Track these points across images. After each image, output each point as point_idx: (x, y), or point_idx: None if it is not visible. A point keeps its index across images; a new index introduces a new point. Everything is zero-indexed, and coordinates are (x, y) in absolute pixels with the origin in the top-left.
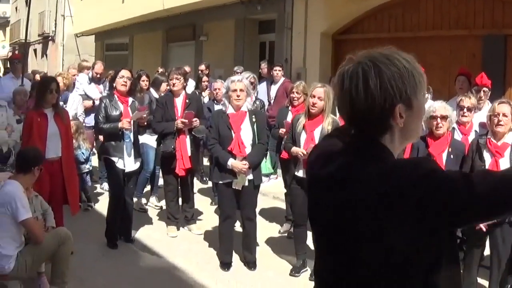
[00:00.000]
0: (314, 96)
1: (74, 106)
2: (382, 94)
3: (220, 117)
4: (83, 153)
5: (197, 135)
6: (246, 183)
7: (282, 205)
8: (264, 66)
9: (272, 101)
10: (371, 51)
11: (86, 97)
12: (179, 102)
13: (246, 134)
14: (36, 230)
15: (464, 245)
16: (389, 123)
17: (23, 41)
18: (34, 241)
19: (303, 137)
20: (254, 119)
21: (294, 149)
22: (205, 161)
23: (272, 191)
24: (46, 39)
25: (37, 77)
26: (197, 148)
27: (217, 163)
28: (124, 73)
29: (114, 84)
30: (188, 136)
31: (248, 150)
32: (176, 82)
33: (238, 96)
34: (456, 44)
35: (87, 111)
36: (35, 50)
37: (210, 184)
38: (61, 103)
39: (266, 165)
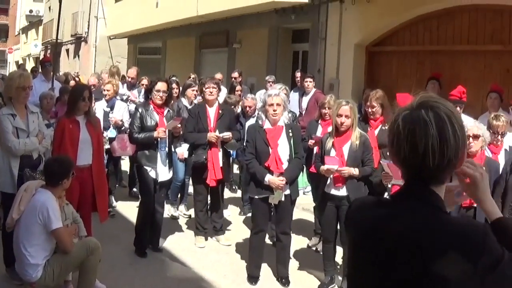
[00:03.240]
0: (341, 115)
1: (120, 112)
2: (457, 145)
3: (257, 131)
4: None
5: (229, 150)
6: (283, 198)
7: (311, 217)
8: (298, 75)
9: (303, 112)
10: (426, 97)
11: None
12: (212, 112)
13: (283, 149)
14: (66, 240)
15: None
16: (453, 170)
17: (56, 41)
18: (63, 251)
19: (332, 154)
20: (291, 134)
21: (323, 167)
22: (235, 169)
23: (302, 203)
24: (78, 40)
25: (72, 83)
26: (228, 159)
27: (254, 178)
28: (161, 86)
29: (150, 96)
30: (220, 148)
31: (285, 165)
32: (213, 91)
33: (275, 110)
34: (491, 59)
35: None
36: (67, 50)
37: (239, 193)
38: (107, 109)
39: (303, 179)
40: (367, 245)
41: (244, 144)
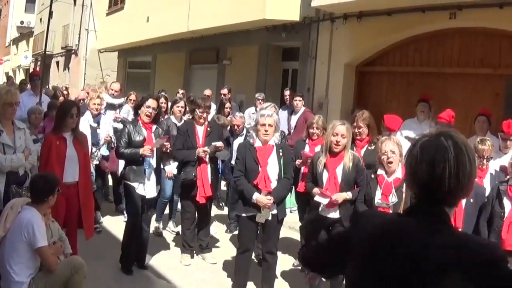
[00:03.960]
0: (337, 134)
1: (106, 127)
2: (471, 172)
3: (248, 149)
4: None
5: (221, 158)
6: (270, 217)
7: (297, 236)
8: (287, 93)
9: (292, 131)
10: (445, 129)
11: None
12: (200, 130)
13: (272, 168)
14: (50, 259)
15: None
16: (465, 196)
17: (44, 53)
18: (47, 270)
19: (325, 176)
20: (281, 153)
21: (316, 190)
22: (222, 186)
23: (288, 221)
24: (69, 52)
25: (61, 99)
26: (216, 176)
27: (242, 196)
28: (151, 103)
29: (139, 111)
30: (209, 164)
31: (273, 184)
32: (207, 116)
33: (266, 131)
34: (480, 82)
35: None
36: (57, 63)
37: (226, 210)
38: (94, 124)
39: (290, 200)
40: (377, 255)
41: (233, 162)
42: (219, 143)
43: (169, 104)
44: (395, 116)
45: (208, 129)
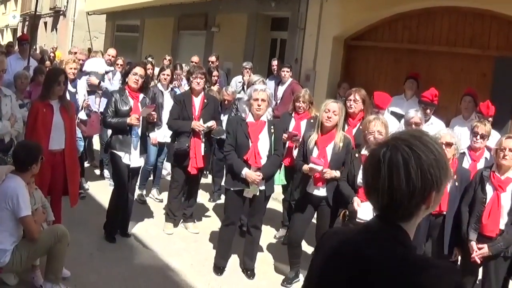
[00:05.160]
0: (329, 111)
1: (83, 91)
2: (422, 183)
3: (239, 124)
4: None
5: (216, 137)
6: (258, 193)
7: (280, 207)
8: (275, 63)
9: (278, 101)
10: (402, 134)
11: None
12: (197, 101)
13: (263, 144)
14: (33, 228)
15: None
16: (420, 209)
17: (34, 13)
18: (29, 238)
19: (315, 153)
20: (272, 130)
21: (306, 166)
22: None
23: None
24: (57, 13)
25: (47, 63)
26: (210, 148)
27: (231, 170)
28: (138, 70)
29: (126, 79)
30: (203, 136)
31: (263, 160)
32: (201, 82)
33: (259, 105)
34: (468, 62)
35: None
36: (45, 23)
37: (210, 179)
38: (73, 89)
39: (279, 177)
40: (329, 267)
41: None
42: (211, 123)
43: (156, 70)
44: (385, 94)
45: (205, 101)
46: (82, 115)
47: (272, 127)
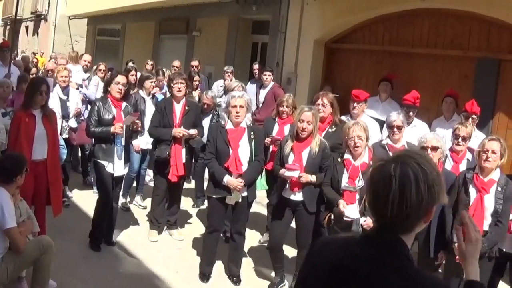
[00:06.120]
0: (303, 121)
1: (75, 100)
2: (429, 197)
3: (219, 131)
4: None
5: (194, 146)
6: (240, 200)
7: (264, 211)
8: (256, 67)
9: (260, 105)
10: (408, 152)
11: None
12: (178, 108)
13: (243, 151)
14: (18, 240)
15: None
16: (421, 222)
17: (14, 17)
18: (15, 250)
19: (291, 158)
20: (252, 136)
21: (283, 171)
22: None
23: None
24: (38, 17)
25: (33, 70)
26: (191, 156)
27: (213, 178)
28: (120, 79)
29: (109, 88)
30: (183, 144)
31: (244, 167)
32: (182, 87)
33: (237, 112)
34: (449, 63)
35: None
36: (26, 27)
37: (193, 184)
38: (64, 97)
39: (261, 182)
40: (332, 281)
41: (204, 139)
42: (193, 131)
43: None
44: (363, 92)
45: (186, 107)
46: (72, 123)
47: (252, 133)
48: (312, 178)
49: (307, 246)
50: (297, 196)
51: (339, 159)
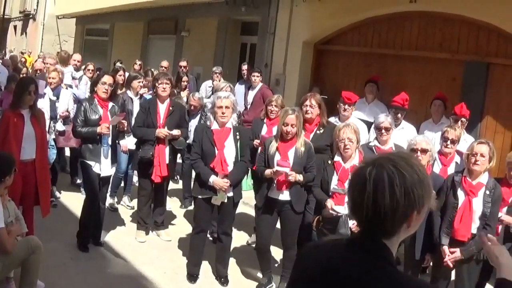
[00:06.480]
0: (287, 124)
1: (66, 101)
2: (405, 202)
3: (204, 132)
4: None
5: (177, 147)
6: (226, 200)
7: (252, 212)
8: (245, 68)
9: (248, 106)
10: (390, 154)
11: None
12: (162, 108)
13: (229, 151)
14: (6, 242)
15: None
16: (401, 227)
17: (2, 17)
18: (2, 251)
19: (277, 157)
20: (238, 136)
21: (269, 171)
22: (178, 158)
23: (243, 196)
24: (27, 17)
25: (23, 70)
26: (175, 157)
27: (198, 178)
28: (107, 79)
29: (95, 88)
30: (167, 145)
31: (230, 167)
32: (166, 88)
33: (223, 113)
34: (438, 66)
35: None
36: (15, 27)
37: (181, 184)
38: (54, 98)
39: (247, 182)
40: (317, 285)
41: (190, 141)
42: (176, 132)
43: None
44: (352, 93)
45: (171, 108)
46: (59, 126)
47: (237, 133)
48: (300, 177)
49: (293, 247)
50: (284, 196)
51: (329, 161)
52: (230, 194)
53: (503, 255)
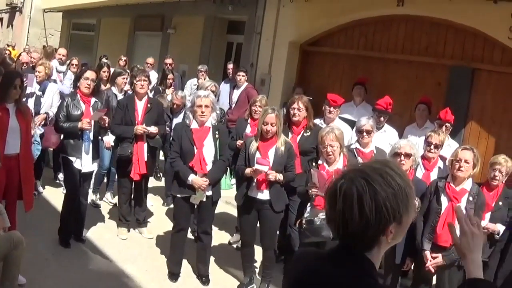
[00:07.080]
0: (267, 123)
1: (51, 96)
2: (377, 217)
3: (184, 131)
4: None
5: (151, 145)
6: (204, 199)
7: (234, 211)
8: (230, 67)
9: (233, 105)
10: (364, 166)
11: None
12: (140, 106)
13: (208, 150)
14: None
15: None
16: (379, 240)
17: None
18: None
19: (257, 157)
20: (217, 135)
21: (248, 170)
22: (161, 156)
23: (225, 196)
24: (13, 10)
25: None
26: (153, 154)
27: (177, 177)
28: (89, 74)
29: (78, 84)
30: (146, 142)
31: (209, 166)
32: (144, 84)
33: (203, 112)
34: (423, 70)
35: None
36: (1, 19)
37: (163, 182)
38: (39, 92)
39: (226, 181)
40: None
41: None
42: (153, 129)
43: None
44: (337, 96)
45: (149, 105)
46: (38, 130)
47: (216, 132)
48: (280, 176)
49: (272, 247)
50: (264, 195)
51: (314, 164)
52: (209, 193)
53: (476, 250)
